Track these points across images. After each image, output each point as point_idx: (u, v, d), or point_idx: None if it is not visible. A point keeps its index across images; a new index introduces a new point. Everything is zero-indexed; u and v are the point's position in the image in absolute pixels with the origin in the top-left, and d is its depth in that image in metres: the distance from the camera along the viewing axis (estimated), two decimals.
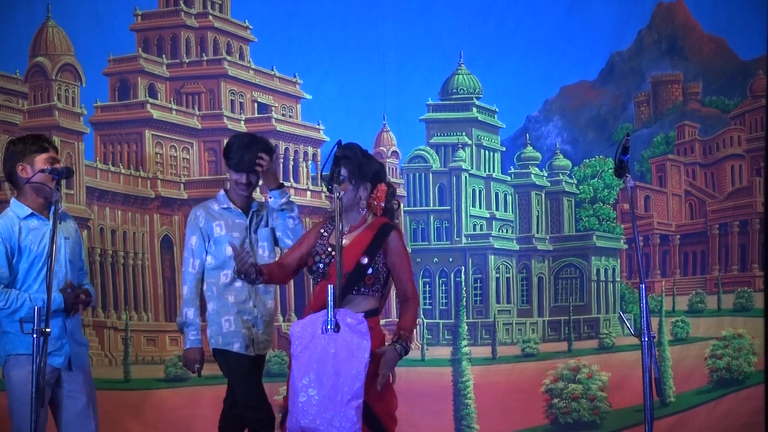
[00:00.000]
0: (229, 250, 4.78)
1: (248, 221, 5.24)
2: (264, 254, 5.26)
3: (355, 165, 4.50)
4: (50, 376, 4.65)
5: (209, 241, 5.20)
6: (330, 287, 4.23)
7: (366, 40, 6.65)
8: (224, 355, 5.19)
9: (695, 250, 5.59)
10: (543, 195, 7.07)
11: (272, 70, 6.80)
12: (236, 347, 5.16)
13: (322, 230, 4.62)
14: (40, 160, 4.72)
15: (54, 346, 4.67)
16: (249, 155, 5.09)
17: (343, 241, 4.48)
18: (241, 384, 5.19)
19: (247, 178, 5.17)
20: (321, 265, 4.54)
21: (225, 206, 5.23)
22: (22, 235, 4.68)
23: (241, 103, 6.79)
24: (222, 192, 5.29)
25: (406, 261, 4.57)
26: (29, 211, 4.73)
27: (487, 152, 7.06)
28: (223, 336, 5.17)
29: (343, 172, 4.45)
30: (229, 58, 6.75)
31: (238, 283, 5.13)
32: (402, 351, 4.40)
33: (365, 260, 4.48)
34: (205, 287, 5.24)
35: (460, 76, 6.94)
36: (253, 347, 5.20)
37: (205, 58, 6.74)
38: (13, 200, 4.80)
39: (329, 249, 4.54)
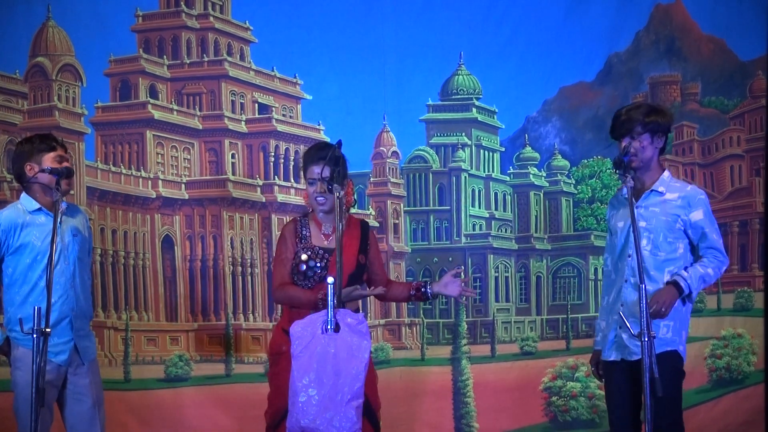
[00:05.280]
0: None
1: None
2: None
3: (342, 168, 4.55)
4: (56, 377, 4.67)
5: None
6: (330, 287, 4.26)
7: (366, 41, 6.66)
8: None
9: None
10: (541, 195, 7.09)
11: (273, 70, 6.81)
12: (604, 355, 4.64)
13: (296, 235, 4.60)
14: (48, 159, 4.72)
15: (60, 347, 4.69)
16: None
17: (331, 243, 4.57)
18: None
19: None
20: (318, 269, 4.57)
21: (624, 195, 4.53)
22: (25, 230, 4.67)
23: (241, 103, 6.81)
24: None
25: (380, 252, 4.84)
26: (38, 205, 4.72)
27: (486, 152, 7.08)
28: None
29: (326, 173, 4.45)
30: (229, 59, 6.76)
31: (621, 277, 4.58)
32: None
33: (363, 259, 4.60)
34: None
35: (460, 76, 6.95)
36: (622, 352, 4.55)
37: (205, 58, 6.75)
38: (23, 194, 4.78)
39: (320, 251, 4.58)
